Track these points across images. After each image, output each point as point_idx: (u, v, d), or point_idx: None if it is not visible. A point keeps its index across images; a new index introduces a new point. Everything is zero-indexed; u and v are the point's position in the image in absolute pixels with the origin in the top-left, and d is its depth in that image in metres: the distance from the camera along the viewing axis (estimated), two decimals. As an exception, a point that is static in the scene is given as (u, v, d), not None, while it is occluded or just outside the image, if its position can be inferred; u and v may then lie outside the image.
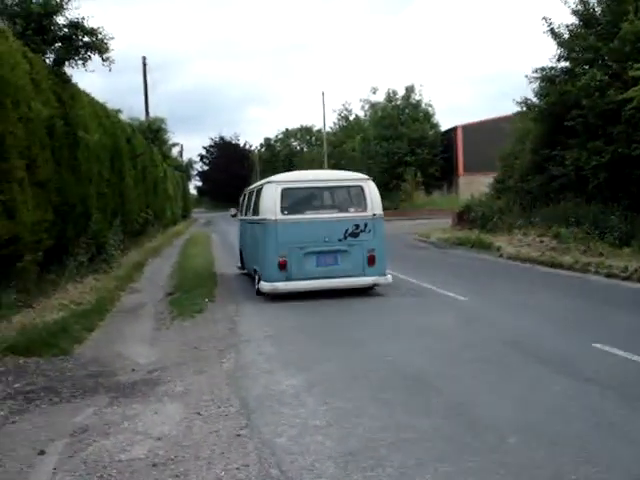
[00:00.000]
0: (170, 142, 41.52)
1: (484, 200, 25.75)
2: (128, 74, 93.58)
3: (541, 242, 17.46)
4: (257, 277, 11.65)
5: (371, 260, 11.40)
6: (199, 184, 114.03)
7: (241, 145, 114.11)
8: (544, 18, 22.01)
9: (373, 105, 53.95)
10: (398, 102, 50.74)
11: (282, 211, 11.29)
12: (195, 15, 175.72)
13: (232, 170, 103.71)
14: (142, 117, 36.64)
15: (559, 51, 21.88)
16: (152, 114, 37.24)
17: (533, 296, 10.80)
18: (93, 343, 8.13)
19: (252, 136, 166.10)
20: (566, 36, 21.77)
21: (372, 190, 12.06)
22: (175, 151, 53.64)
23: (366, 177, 12.75)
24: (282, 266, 11.08)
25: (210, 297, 10.79)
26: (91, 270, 13.61)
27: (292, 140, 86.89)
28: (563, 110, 20.51)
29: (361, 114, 61.57)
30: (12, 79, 9.65)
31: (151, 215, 24.18)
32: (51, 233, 11.02)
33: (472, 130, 47.62)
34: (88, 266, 13.50)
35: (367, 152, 49.98)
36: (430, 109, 50.69)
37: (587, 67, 20.20)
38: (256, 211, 12.23)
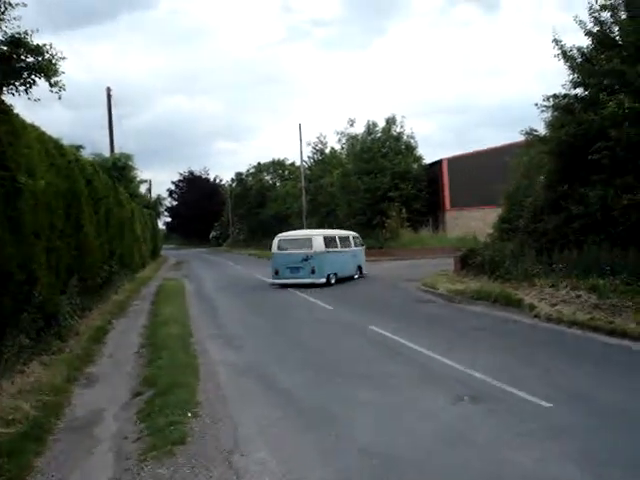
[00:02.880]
0: (137, 179, 38.53)
1: (490, 242, 23.19)
2: (97, 109, 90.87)
3: (577, 297, 14.83)
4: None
5: (312, 271, 24.30)
6: (168, 220, 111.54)
7: (211, 180, 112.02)
8: (555, 40, 19.80)
9: (352, 138, 51.58)
10: (378, 134, 48.39)
11: (277, 249, 25.49)
12: (164, 50, 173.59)
13: (202, 205, 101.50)
14: (107, 154, 33.87)
15: (573, 76, 19.66)
16: (119, 150, 34.39)
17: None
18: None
19: (222, 170, 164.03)
20: (579, 60, 19.61)
21: (316, 240, 24.84)
22: (143, 188, 50.70)
23: (315, 233, 26.58)
24: (276, 273, 25.22)
25: (193, 406, 7.83)
26: (38, 350, 10.70)
27: (264, 174, 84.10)
28: (583, 142, 18.15)
29: (337, 147, 59.26)
30: None
31: (116, 266, 21.18)
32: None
33: (458, 163, 45.45)
34: (34, 346, 10.59)
35: (347, 187, 47.42)
36: (412, 141, 48.46)
37: (605, 93, 17.80)
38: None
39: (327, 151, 62.71)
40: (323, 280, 24.12)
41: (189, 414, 7.52)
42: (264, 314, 17.30)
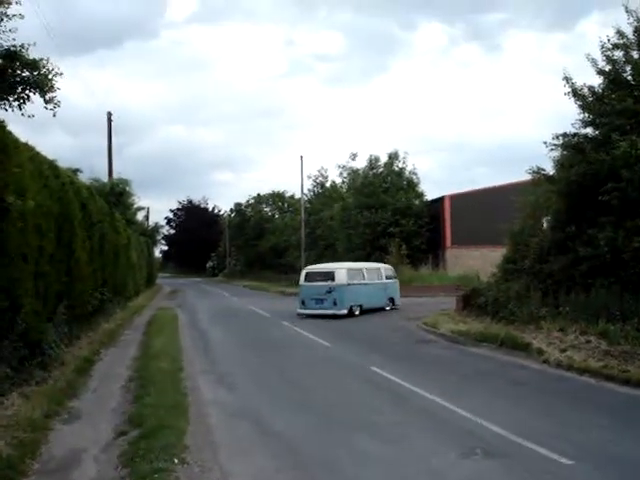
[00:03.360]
0: (135, 206, 38.03)
1: (493, 282, 22.53)
2: (97, 136, 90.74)
3: (587, 342, 14.20)
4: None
5: (334, 303, 25.34)
6: (165, 248, 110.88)
7: (210, 209, 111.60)
8: (566, 78, 19.39)
9: (353, 172, 51.19)
10: (380, 169, 48.01)
11: (304, 280, 26.78)
12: (165, 79, 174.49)
13: (200, 235, 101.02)
14: (106, 179, 33.37)
15: (583, 115, 19.25)
16: (117, 176, 33.93)
17: None
18: None
19: (221, 201, 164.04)
20: (590, 98, 19.23)
21: (338, 273, 25.98)
22: (141, 215, 50.15)
23: (340, 266, 27.59)
24: (303, 303, 26.39)
25: (180, 451, 7.14)
26: (19, 381, 10.04)
27: (264, 206, 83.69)
28: (593, 182, 17.65)
29: (338, 180, 58.87)
30: None
31: (108, 294, 20.50)
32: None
33: (460, 201, 44.99)
34: (15, 376, 9.94)
35: (347, 221, 46.87)
36: (414, 177, 48.04)
37: (618, 133, 17.35)
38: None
39: (328, 184, 62.30)
40: (345, 311, 25.31)
41: (176, 460, 6.84)
42: (259, 350, 16.61)
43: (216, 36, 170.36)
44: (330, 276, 25.88)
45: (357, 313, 25.73)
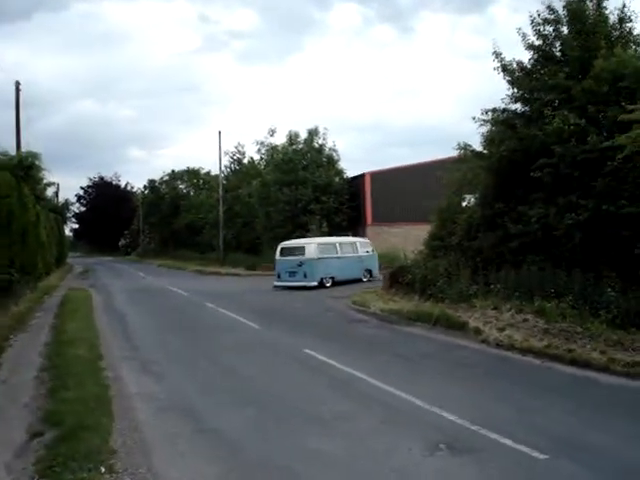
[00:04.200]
0: (45, 181, 35.81)
1: (421, 260, 22.16)
2: (4, 111, 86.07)
3: (524, 321, 13.90)
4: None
5: (305, 275, 27.67)
6: (75, 226, 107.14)
7: (122, 186, 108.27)
8: (495, 53, 19.08)
9: (272, 148, 50.15)
10: (300, 146, 47.13)
11: (279, 255, 29.03)
12: (77, 53, 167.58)
13: (112, 212, 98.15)
14: (13, 152, 31.15)
15: (513, 91, 18.98)
16: (26, 149, 31.72)
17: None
18: None
19: (134, 178, 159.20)
20: (519, 74, 18.94)
21: (308, 247, 28.40)
22: (50, 191, 47.57)
23: (310, 241, 30.17)
24: (278, 276, 28.61)
25: (107, 456, 6.22)
26: None
27: (179, 183, 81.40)
28: (524, 158, 17.41)
29: (256, 157, 57.67)
30: None
31: (16, 275, 19.01)
32: None
33: (380, 178, 44.66)
34: None
35: (266, 198, 45.86)
36: (334, 154, 47.39)
37: (548, 108, 17.13)
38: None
39: (245, 161, 60.99)
40: (315, 283, 27.60)
41: (102, 469, 5.93)
42: (184, 334, 15.64)
43: (129, 10, 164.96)
44: (301, 251, 28.31)
45: (328, 285, 27.88)
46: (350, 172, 47.84)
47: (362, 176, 45.60)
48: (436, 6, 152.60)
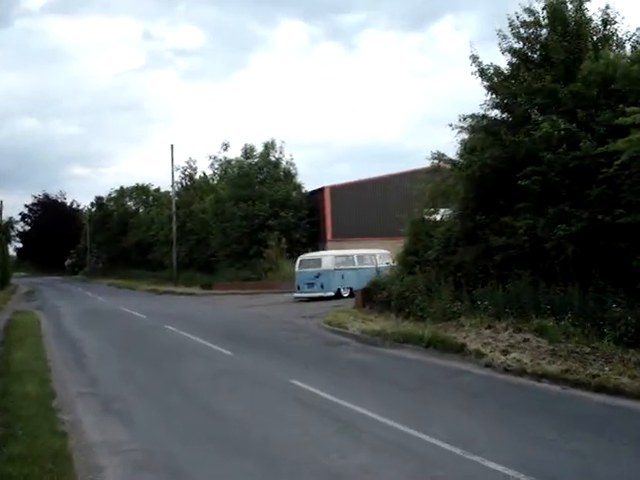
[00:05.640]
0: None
1: (395, 276, 20.92)
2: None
3: (525, 341, 12.73)
4: None
5: (322, 286, 29.03)
6: (20, 246, 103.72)
7: (68, 204, 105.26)
8: (473, 57, 18.16)
9: (227, 162, 48.56)
10: (256, 160, 45.67)
11: (298, 267, 30.57)
12: (17, 69, 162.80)
13: (58, 231, 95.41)
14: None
15: (491, 97, 18.04)
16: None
17: None
18: None
19: (79, 196, 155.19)
20: (496, 79, 18.00)
21: (324, 259, 30.30)
22: (-8, 210, 45.23)
23: (327, 254, 32.44)
24: (298, 287, 29.98)
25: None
26: None
27: (127, 200, 78.97)
28: (508, 166, 16.41)
29: (209, 172, 55.96)
30: None
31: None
32: None
33: (340, 192, 43.49)
34: None
35: (222, 214, 44.20)
36: (292, 168, 46.04)
37: (538, 113, 16.19)
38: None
39: (197, 176, 59.21)
40: (331, 293, 28.92)
41: None
42: (147, 362, 14.07)
43: (72, 28, 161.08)
44: (318, 262, 30.07)
45: (346, 295, 28.53)
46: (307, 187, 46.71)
47: (321, 190, 44.33)
48: (381, 24, 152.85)
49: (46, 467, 6.42)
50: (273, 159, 45.82)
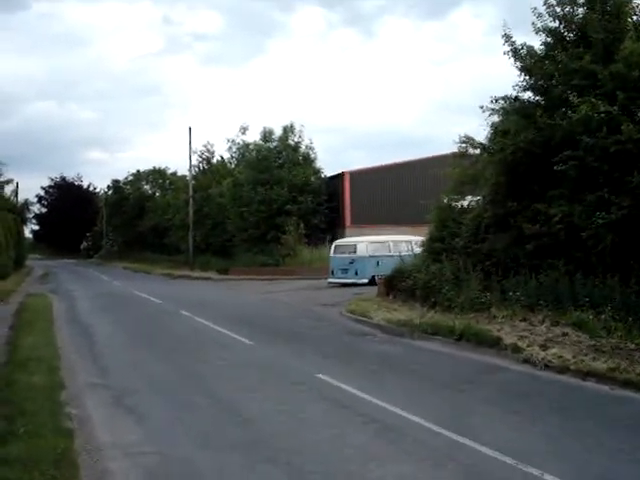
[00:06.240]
0: (2, 178, 33.23)
1: (420, 264, 20.10)
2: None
3: (564, 335, 11.94)
4: None
5: (356, 272, 28.68)
6: (36, 228, 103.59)
7: (85, 187, 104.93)
8: (506, 36, 17.31)
9: (246, 146, 47.75)
10: (274, 143, 44.89)
11: (333, 252, 30.51)
12: (35, 53, 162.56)
13: (74, 213, 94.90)
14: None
15: (525, 78, 17.19)
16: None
17: None
18: None
19: (96, 180, 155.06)
20: (530, 60, 17.14)
21: (359, 245, 29.81)
22: (8, 190, 44.82)
23: (362, 240, 30.85)
24: (332, 273, 29.73)
25: None
26: None
27: (144, 183, 78.41)
28: (543, 151, 15.59)
29: (226, 156, 55.22)
30: None
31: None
32: None
33: (360, 177, 42.66)
34: None
35: (239, 198, 43.49)
36: (311, 153, 45.22)
37: (576, 94, 15.31)
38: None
39: (214, 160, 58.53)
40: (365, 280, 27.78)
41: None
42: (162, 352, 13.34)
43: (91, 12, 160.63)
44: (353, 249, 29.82)
45: None
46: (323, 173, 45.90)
47: (341, 175, 43.53)
48: (400, 12, 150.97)
49: (48, 472, 5.72)
50: (292, 143, 44.99)
